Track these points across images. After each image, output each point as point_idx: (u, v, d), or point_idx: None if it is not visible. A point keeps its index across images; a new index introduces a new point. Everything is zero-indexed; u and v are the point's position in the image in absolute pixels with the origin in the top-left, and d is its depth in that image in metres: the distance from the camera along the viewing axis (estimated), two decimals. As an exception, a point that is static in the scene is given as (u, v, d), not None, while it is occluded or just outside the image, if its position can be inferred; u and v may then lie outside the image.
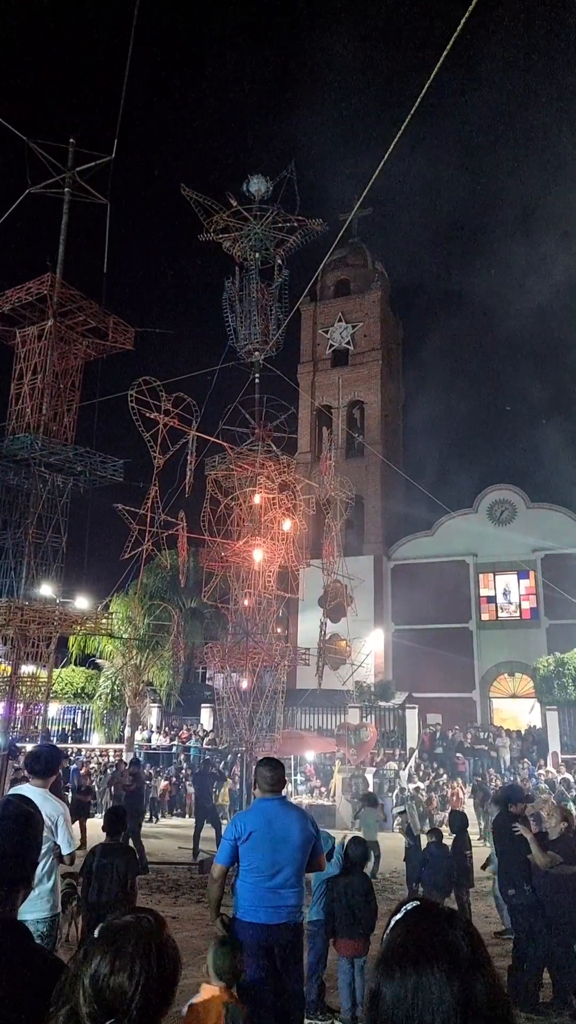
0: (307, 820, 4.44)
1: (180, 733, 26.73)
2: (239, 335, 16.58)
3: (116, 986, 1.31)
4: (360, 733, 22.03)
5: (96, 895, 5.69)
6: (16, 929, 1.79)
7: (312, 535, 26.24)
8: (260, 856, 4.22)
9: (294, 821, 4.34)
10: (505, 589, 30.97)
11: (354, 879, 6.15)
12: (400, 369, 38.72)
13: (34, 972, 1.65)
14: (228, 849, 4.34)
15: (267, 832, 4.25)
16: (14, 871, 1.84)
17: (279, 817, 4.32)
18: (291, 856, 4.23)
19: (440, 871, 8.31)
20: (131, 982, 1.31)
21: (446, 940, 1.18)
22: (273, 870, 4.19)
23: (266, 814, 4.34)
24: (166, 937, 1.41)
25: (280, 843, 4.22)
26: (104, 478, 15.72)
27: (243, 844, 4.27)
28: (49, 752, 4.99)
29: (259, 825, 4.29)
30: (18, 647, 14.24)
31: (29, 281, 14.95)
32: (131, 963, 1.33)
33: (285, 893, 4.19)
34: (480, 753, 23.64)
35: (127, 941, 1.36)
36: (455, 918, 1.25)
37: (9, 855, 1.83)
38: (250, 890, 4.23)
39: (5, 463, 14.79)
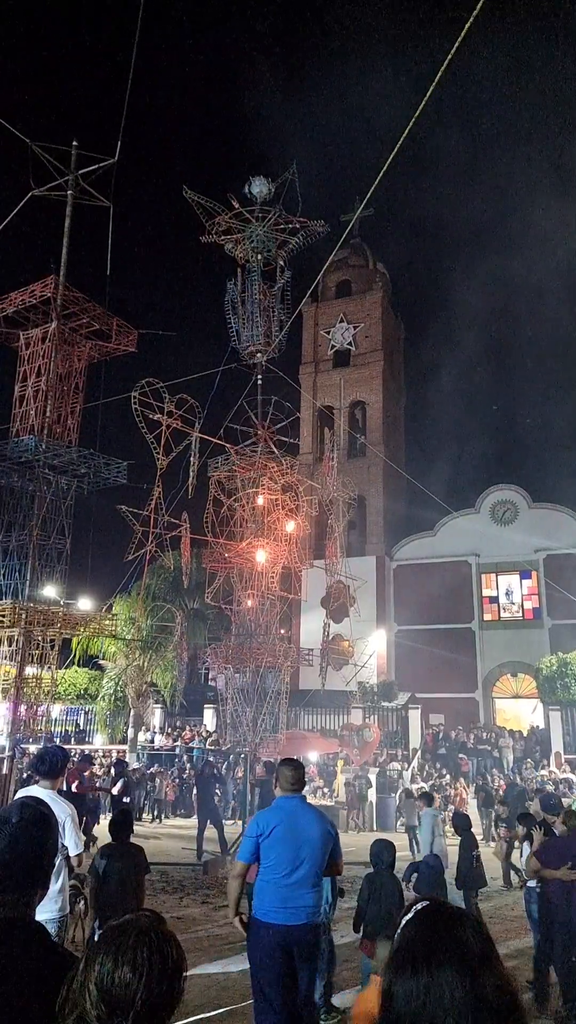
0: (327, 822, 4.48)
1: (183, 734, 26.74)
2: (241, 336, 16.62)
3: (120, 980, 1.32)
4: (363, 734, 22.06)
5: (103, 896, 5.72)
6: (35, 929, 1.83)
7: (314, 536, 26.26)
8: (282, 851, 4.24)
9: (315, 821, 4.38)
10: (507, 589, 30.97)
11: (386, 880, 6.14)
12: (402, 369, 38.75)
13: (53, 971, 1.68)
14: (250, 846, 4.36)
15: (290, 829, 4.28)
16: (33, 873, 1.87)
17: (301, 815, 4.36)
18: (311, 854, 4.25)
19: (430, 882, 8.29)
20: (135, 974, 1.32)
21: (456, 938, 1.21)
22: (294, 866, 4.20)
23: (288, 811, 4.38)
24: (167, 932, 1.42)
25: (302, 840, 4.25)
26: (107, 480, 15.76)
27: (265, 840, 4.29)
28: (56, 753, 5.01)
29: (282, 821, 4.33)
30: (23, 648, 14.28)
31: (33, 284, 14.98)
32: (133, 956, 1.33)
33: (304, 892, 4.20)
34: (483, 753, 23.64)
35: (127, 940, 1.36)
36: (464, 916, 1.28)
37: (28, 857, 1.86)
38: (269, 889, 4.23)
39: (9, 465, 14.82)
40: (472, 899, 8.56)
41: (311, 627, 29.04)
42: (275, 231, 16.70)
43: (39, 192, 15.91)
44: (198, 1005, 6.14)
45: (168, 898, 10.68)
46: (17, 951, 1.73)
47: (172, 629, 25.78)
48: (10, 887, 1.81)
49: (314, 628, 28.32)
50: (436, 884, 8.12)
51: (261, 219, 16.64)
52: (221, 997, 6.42)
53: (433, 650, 29.77)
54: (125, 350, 16.40)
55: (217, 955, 7.83)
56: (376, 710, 25.67)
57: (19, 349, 15.70)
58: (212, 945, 8.25)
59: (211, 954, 7.86)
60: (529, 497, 31.32)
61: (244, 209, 16.67)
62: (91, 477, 15.55)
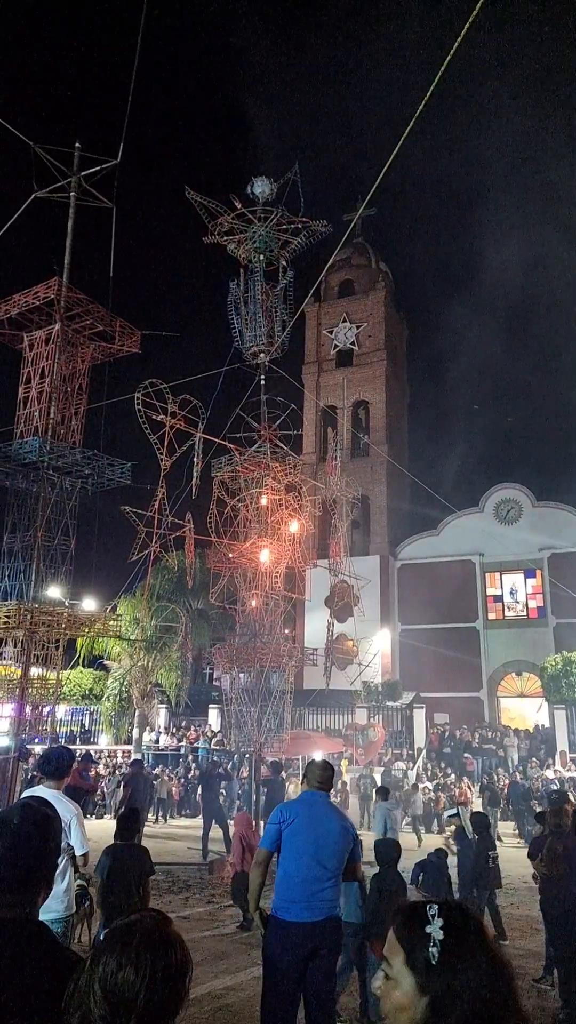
0: (348, 824, 4.51)
1: (188, 734, 26.79)
2: (244, 337, 16.62)
3: (123, 981, 1.32)
4: (368, 733, 22.07)
5: (110, 896, 5.73)
6: (39, 929, 1.84)
7: (318, 535, 26.26)
8: (304, 840, 4.24)
9: (336, 819, 4.44)
10: (512, 588, 30.94)
11: (393, 879, 6.15)
12: (405, 369, 38.72)
13: (57, 971, 1.69)
14: (273, 833, 4.36)
15: (311, 821, 4.31)
16: (36, 873, 1.88)
17: (324, 810, 4.42)
18: (332, 849, 4.27)
19: (437, 880, 8.29)
20: (138, 975, 1.32)
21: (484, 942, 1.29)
22: (315, 856, 4.21)
23: (312, 805, 4.43)
24: (172, 933, 1.42)
25: (322, 834, 4.28)
26: (111, 481, 15.77)
27: (288, 827, 4.30)
28: (61, 754, 5.03)
29: (305, 811, 4.37)
30: (27, 649, 14.30)
31: (36, 285, 15.00)
32: (137, 957, 1.34)
33: (323, 886, 4.19)
34: (488, 753, 23.62)
35: (131, 939, 1.37)
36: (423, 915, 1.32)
37: (31, 857, 1.87)
38: (290, 881, 4.21)
39: (13, 467, 14.84)
40: (483, 900, 8.52)
41: (315, 627, 29.04)
42: (277, 231, 16.70)
43: (42, 194, 15.94)
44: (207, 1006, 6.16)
45: (174, 898, 10.70)
46: (21, 951, 1.74)
47: (176, 629, 25.80)
48: (13, 887, 1.82)
49: (318, 628, 28.32)
50: (442, 882, 8.12)
51: (263, 219, 16.63)
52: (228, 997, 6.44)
53: (437, 649, 29.76)
54: (128, 351, 16.42)
55: (222, 958, 7.84)
56: (380, 710, 25.68)
57: (23, 351, 15.72)
58: (218, 944, 8.27)
59: (217, 955, 7.87)
60: (533, 496, 31.28)
61: (246, 209, 16.66)
62: (95, 478, 15.56)
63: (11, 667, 15.13)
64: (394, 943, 1.32)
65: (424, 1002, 1.24)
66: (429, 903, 1.35)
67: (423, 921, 1.30)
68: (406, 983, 1.27)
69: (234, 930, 8.81)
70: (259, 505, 16.24)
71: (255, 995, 4.31)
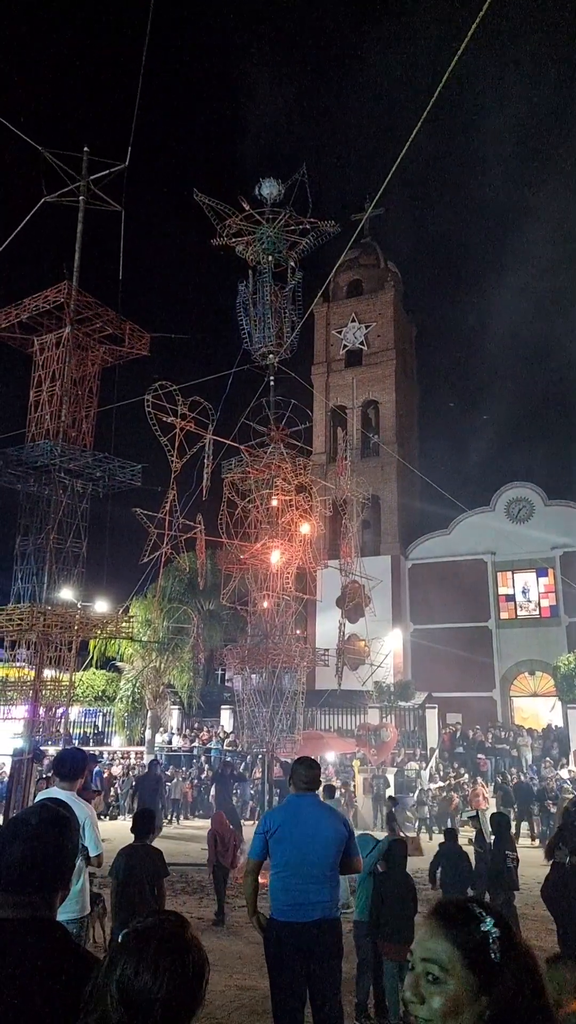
0: (339, 820, 4.46)
1: (200, 735, 26.85)
2: (253, 338, 16.63)
3: (141, 987, 1.33)
4: (380, 733, 22.03)
5: (124, 897, 5.75)
6: (58, 929, 1.86)
7: (329, 536, 26.24)
8: (288, 849, 4.24)
9: (324, 819, 4.37)
10: (524, 587, 30.81)
11: (393, 881, 6.14)
12: (414, 368, 38.65)
13: (75, 972, 1.71)
14: (259, 843, 4.39)
15: (296, 826, 4.28)
16: (53, 874, 1.89)
17: (309, 813, 4.35)
18: (320, 852, 4.23)
19: (456, 870, 8.36)
20: (156, 982, 1.33)
21: None
22: (301, 865, 4.19)
23: (296, 809, 4.39)
24: (189, 936, 1.43)
25: (309, 838, 4.24)
26: (122, 483, 15.82)
27: (272, 838, 4.31)
28: (75, 755, 5.06)
29: (288, 819, 4.34)
30: (41, 651, 14.37)
31: (46, 289, 15.07)
32: (155, 963, 1.34)
33: (315, 889, 4.17)
34: (501, 752, 23.54)
35: (150, 943, 1.38)
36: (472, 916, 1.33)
37: (48, 858, 1.89)
38: (281, 887, 4.23)
39: (25, 470, 14.92)
40: (500, 901, 8.50)
41: (327, 627, 29.02)
42: (286, 232, 16.70)
43: (51, 198, 16.01)
44: (219, 1005, 6.18)
45: (188, 899, 10.74)
46: (39, 951, 1.76)
47: (188, 630, 25.89)
48: (31, 888, 1.84)
49: (330, 628, 28.31)
50: (461, 869, 8.14)
51: (272, 221, 16.64)
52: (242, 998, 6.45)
53: (450, 649, 29.67)
54: (138, 354, 16.46)
55: (238, 958, 7.86)
56: (393, 710, 25.62)
57: (34, 354, 15.80)
58: (233, 944, 8.29)
59: (231, 955, 7.89)
60: (545, 494, 31.15)
61: (254, 211, 16.68)
62: (106, 480, 15.61)
63: (25, 669, 15.21)
64: (443, 944, 1.31)
65: (485, 1000, 1.26)
66: (470, 902, 1.37)
67: (477, 920, 1.31)
68: (465, 984, 1.27)
69: (248, 929, 8.82)
70: (269, 506, 16.25)
71: (268, 994, 4.33)
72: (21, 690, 14.91)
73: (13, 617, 14.08)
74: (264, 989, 5.77)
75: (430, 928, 1.35)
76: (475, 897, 1.41)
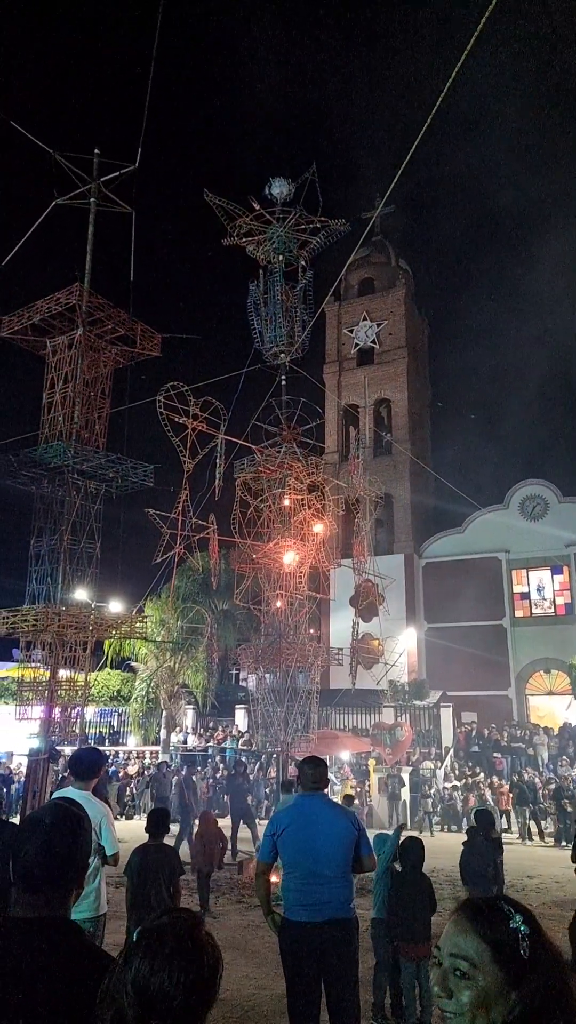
0: (348, 818, 4.44)
1: (215, 734, 26.90)
2: (264, 338, 16.65)
3: (157, 986, 1.33)
4: (395, 732, 21.98)
5: (138, 896, 5.77)
6: (72, 928, 1.86)
7: (342, 535, 26.21)
8: (296, 851, 4.24)
9: (333, 818, 4.35)
10: (539, 585, 30.64)
11: (409, 880, 6.12)
12: (426, 366, 38.52)
13: (89, 970, 1.71)
14: (268, 845, 4.40)
15: (303, 827, 4.27)
16: (68, 873, 1.90)
17: (317, 813, 4.34)
18: (329, 852, 4.22)
19: (479, 866, 8.36)
20: (172, 981, 1.33)
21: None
22: (311, 865, 4.18)
23: (304, 810, 4.38)
24: (203, 934, 1.43)
25: (317, 838, 4.23)
26: (135, 483, 15.86)
27: (280, 839, 4.31)
28: (91, 755, 5.09)
29: (295, 820, 4.33)
30: (56, 652, 14.44)
31: (58, 292, 15.13)
32: (170, 962, 1.35)
33: (326, 889, 4.16)
34: (517, 751, 23.43)
35: (165, 941, 1.38)
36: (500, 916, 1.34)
37: (62, 858, 1.89)
38: (292, 887, 4.24)
39: (39, 471, 14.99)
40: None
41: (340, 626, 28.98)
42: (296, 231, 16.70)
43: (62, 201, 16.06)
44: (235, 1005, 6.18)
45: (195, 896, 10.74)
46: (55, 949, 1.76)
47: (202, 630, 25.92)
48: (46, 887, 1.84)
49: (343, 627, 28.27)
50: (487, 861, 8.12)
51: (282, 220, 16.65)
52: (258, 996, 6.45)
53: (464, 648, 29.55)
54: (150, 354, 16.49)
55: (253, 956, 7.87)
56: (408, 709, 25.56)
57: (46, 356, 15.86)
58: (249, 943, 8.29)
59: (247, 953, 7.90)
60: (559, 491, 30.96)
61: (265, 210, 16.69)
62: (119, 481, 15.65)
63: (40, 669, 15.28)
64: (471, 940, 1.32)
65: (513, 997, 1.28)
66: (499, 899, 1.39)
67: (506, 917, 1.33)
68: (494, 979, 1.29)
69: (264, 926, 8.83)
70: (282, 506, 16.25)
71: (284, 993, 4.34)
72: (37, 690, 14.99)
73: (28, 618, 14.15)
74: (280, 989, 5.77)
75: (459, 924, 1.36)
76: (504, 895, 1.42)
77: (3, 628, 14.45)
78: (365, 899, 7.03)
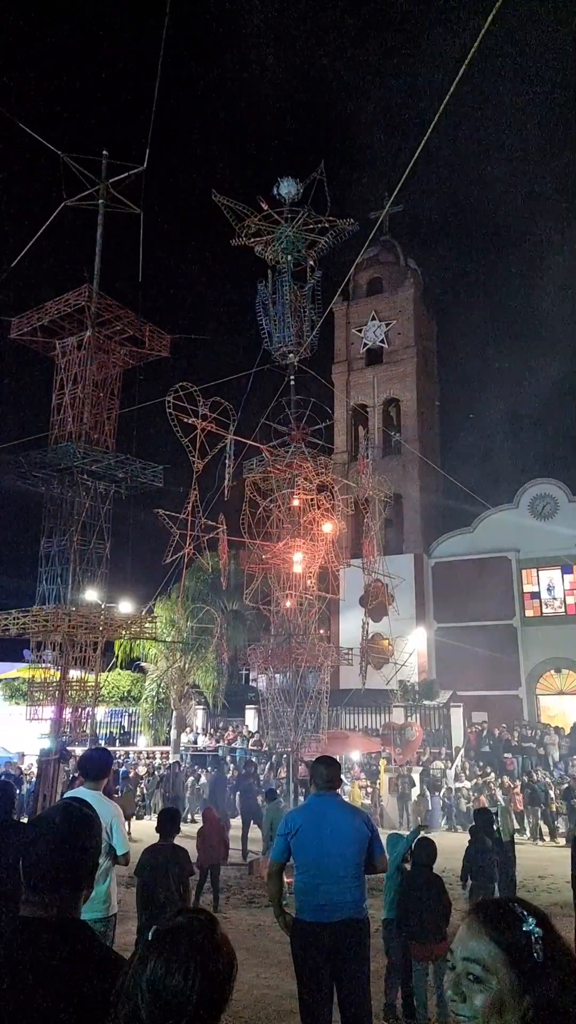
0: (360, 819, 4.41)
1: (225, 735, 26.92)
2: (273, 338, 16.63)
3: (173, 987, 1.33)
4: (406, 732, 21.94)
5: (149, 896, 5.77)
6: (81, 928, 1.86)
7: (351, 535, 26.18)
8: (309, 850, 4.23)
9: (346, 818, 4.33)
10: (549, 584, 30.51)
11: (420, 880, 6.10)
12: (435, 365, 38.42)
13: (99, 970, 1.71)
14: (281, 845, 4.39)
15: (316, 827, 4.26)
16: (78, 873, 1.90)
17: (330, 813, 4.32)
18: (342, 852, 4.20)
19: (483, 868, 8.46)
20: (187, 982, 1.33)
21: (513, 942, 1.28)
22: (324, 865, 4.17)
23: (317, 810, 4.37)
24: (219, 935, 1.43)
25: (329, 839, 4.21)
26: (144, 484, 15.89)
27: (293, 839, 4.30)
28: (100, 755, 5.10)
29: (308, 820, 4.32)
30: (66, 652, 14.49)
31: (67, 293, 15.18)
32: (186, 963, 1.35)
33: (338, 889, 4.14)
34: (528, 751, 23.34)
35: (181, 942, 1.38)
36: (516, 918, 1.32)
37: (72, 858, 1.89)
38: (304, 887, 4.23)
39: (49, 472, 15.04)
40: (491, 892, 8.63)
41: (350, 626, 28.95)
42: (304, 231, 16.68)
43: (71, 202, 16.12)
44: (246, 1005, 6.18)
45: (209, 896, 10.74)
46: (66, 949, 1.76)
47: (212, 631, 25.95)
48: (56, 886, 1.84)
49: (353, 627, 28.23)
50: (487, 866, 8.14)
51: (290, 220, 16.64)
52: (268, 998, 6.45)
53: (474, 648, 29.45)
54: (159, 355, 16.53)
55: (264, 956, 7.86)
56: (418, 709, 25.50)
57: (56, 358, 15.92)
58: (260, 943, 8.29)
59: (258, 954, 7.89)
60: (569, 490, 30.81)
61: (273, 211, 16.68)
62: (128, 482, 15.69)
63: (51, 670, 15.33)
64: (484, 944, 1.31)
65: (528, 1000, 1.26)
66: (512, 901, 1.37)
67: (519, 920, 1.32)
68: (508, 983, 1.28)
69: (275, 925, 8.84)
70: (291, 506, 16.24)
71: (296, 993, 4.33)
72: (48, 691, 15.04)
73: (39, 618, 14.20)
74: (291, 989, 5.77)
75: (471, 927, 1.35)
76: (517, 897, 1.40)
77: (14, 629, 14.51)
78: (376, 899, 7.01)
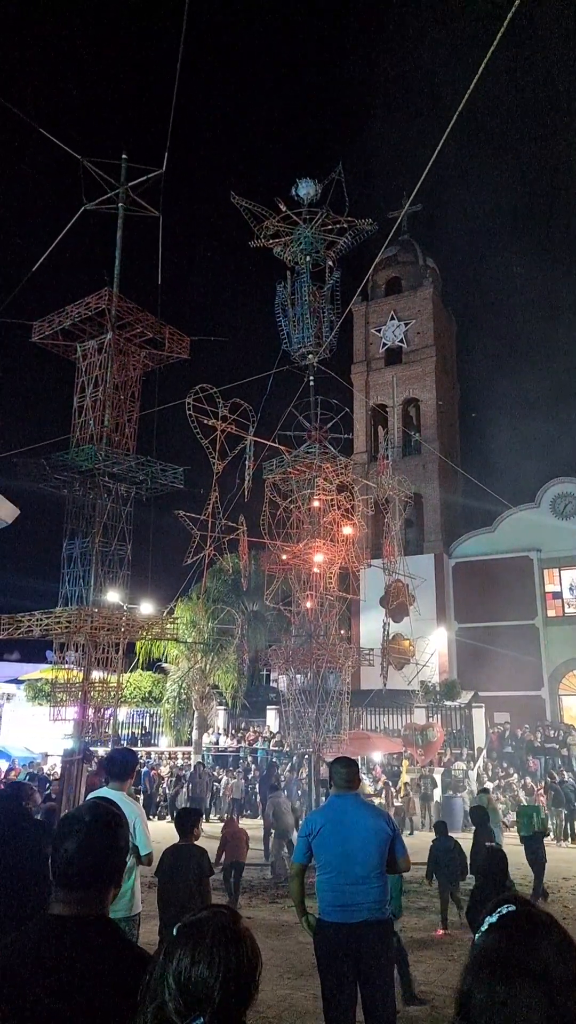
0: (382, 818, 4.42)
1: (246, 735, 26.97)
2: (292, 339, 16.65)
3: (198, 977, 1.35)
4: (427, 733, 21.84)
5: (170, 896, 5.80)
6: (110, 926, 1.88)
7: (371, 535, 26.11)
8: (331, 851, 4.24)
9: (367, 818, 4.33)
10: (571, 584, 30.25)
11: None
12: (455, 364, 38.26)
13: (130, 967, 1.73)
14: (303, 846, 4.41)
15: (338, 827, 4.26)
16: (106, 871, 1.93)
17: (351, 813, 4.33)
18: (364, 852, 4.20)
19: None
20: (212, 972, 1.35)
21: (538, 954, 1.20)
22: (345, 866, 4.17)
23: (338, 810, 4.37)
24: (242, 928, 1.45)
25: (351, 839, 4.22)
26: (165, 486, 15.95)
27: (314, 840, 4.31)
28: (125, 756, 5.14)
29: (329, 820, 4.32)
30: (89, 653, 14.58)
31: (88, 296, 15.26)
32: (210, 953, 1.37)
33: (360, 890, 4.15)
34: (551, 752, 23.16)
35: (204, 933, 1.40)
36: (551, 930, 1.25)
37: (101, 856, 1.92)
38: (326, 888, 4.24)
39: (71, 475, 15.14)
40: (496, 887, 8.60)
41: (371, 627, 28.90)
42: (323, 232, 16.68)
43: (91, 206, 16.21)
44: (270, 1005, 6.20)
45: (238, 898, 10.77)
46: (93, 947, 1.79)
47: (233, 631, 26.03)
48: (84, 885, 1.87)
49: (374, 628, 28.18)
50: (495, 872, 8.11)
51: (309, 221, 16.64)
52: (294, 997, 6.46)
53: (496, 648, 29.27)
54: (179, 357, 16.57)
55: (288, 956, 7.86)
56: (439, 709, 25.39)
57: (77, 361, 16.02)
58: (283, 943, 8.30)
59: (282, 953, 7.90)
60: (591, 489, 30.55)
61: (291, 212, 16.70)
62: (149, 483, 15.75)
63: (74, 671, 15.43)
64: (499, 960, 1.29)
65: (549, 1012, 1.23)
66: (524, 915, 1.32)
67: (536, 933, 1.29)
68: (527, 999, 1.25)
69: (298, 927, 8.85)
70: (311, 506, 16.24)
71: (319, 994, 4.34)
72: (70, 692, 15.14)
73: (62, 620, 14.29)
74: (314, 989, 5.78)
75: (487, 944, 1.32)
76: (529, 909, 1.36)
77: (37, 630, 14.63)
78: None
